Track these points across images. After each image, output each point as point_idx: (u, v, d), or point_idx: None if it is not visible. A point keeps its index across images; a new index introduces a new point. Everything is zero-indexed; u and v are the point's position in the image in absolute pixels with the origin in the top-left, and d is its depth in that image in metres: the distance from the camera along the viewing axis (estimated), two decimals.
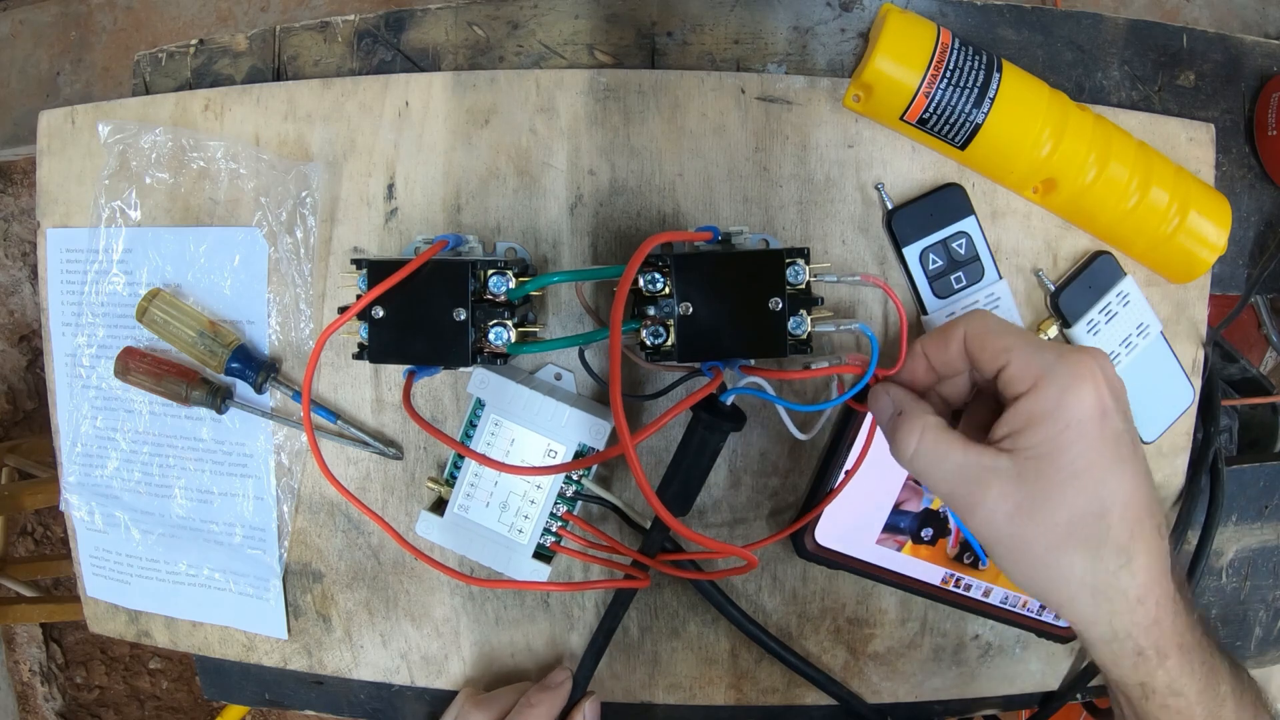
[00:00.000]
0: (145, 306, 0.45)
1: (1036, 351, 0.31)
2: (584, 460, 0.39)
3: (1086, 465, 0.30)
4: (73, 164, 0.49)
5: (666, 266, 0.36)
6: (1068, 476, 0.30)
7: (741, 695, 0.49)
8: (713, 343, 0.36)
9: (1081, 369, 0.30)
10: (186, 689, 1.49)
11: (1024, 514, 0.31)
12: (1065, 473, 0.30)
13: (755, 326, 0.36)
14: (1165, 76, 0.47)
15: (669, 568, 0.44)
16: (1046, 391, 0.30)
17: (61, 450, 0.51)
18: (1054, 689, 0.50)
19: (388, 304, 0.37)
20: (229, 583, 0.50)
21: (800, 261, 0.36)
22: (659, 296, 0.36)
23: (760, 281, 0.36)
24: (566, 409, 0.42)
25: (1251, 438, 0.55)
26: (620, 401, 0.31)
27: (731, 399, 0.40)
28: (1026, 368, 0.31)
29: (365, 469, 0.48)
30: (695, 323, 0.36)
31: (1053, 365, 0.31)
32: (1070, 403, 0.30)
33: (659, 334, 0.36)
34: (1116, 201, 0.42)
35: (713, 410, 0.39)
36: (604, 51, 0.46)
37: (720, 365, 0.37)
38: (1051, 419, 0.30)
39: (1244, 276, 0.49)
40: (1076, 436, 0.30)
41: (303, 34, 0.47)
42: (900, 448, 0.34)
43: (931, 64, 0.40)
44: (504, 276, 0.36)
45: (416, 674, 0.50)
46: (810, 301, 0.37)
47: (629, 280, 0.33)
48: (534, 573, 0.44)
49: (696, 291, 0.36)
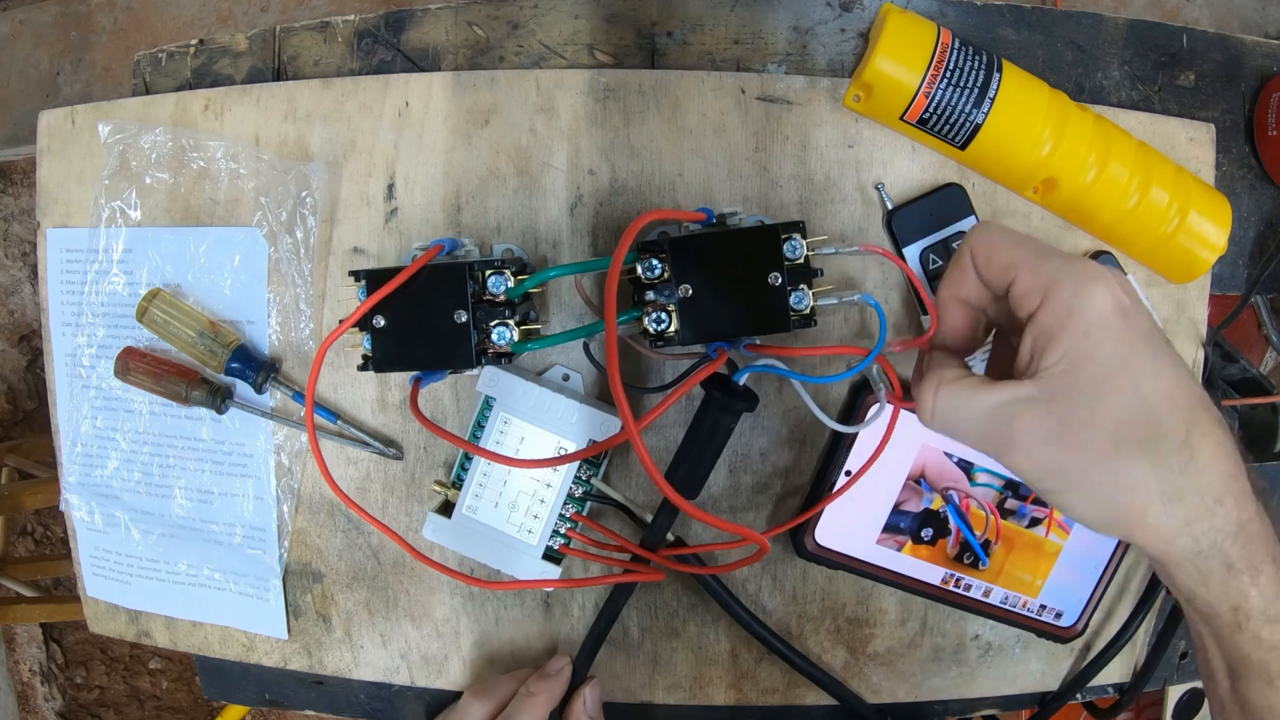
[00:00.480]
0: (145, 306, 0.45)
1: (1043, 260, 0.29)
2: (591, 449, 0.38)
3: (1120, 364, 0.27)
4: (73, 164, 0.49)
5: (664, 253, 0.36)
6: (1101, 381, 0.27)
7: (741, 695, 0.49)
8: (716, 323, 0.36)
9: (1090, 269, 0.28)
10: (186, 689, 1.49)
11: (1064, 436, 0.28)
12: (1097, 378, 0.27)
13: (757, 304, 0.36)
14: (1165, 76, 0.47)
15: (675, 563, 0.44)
16: (1058, 298, 0.28)
17: (61, 450, 0.51)
18: (1054, 689, 0.50)
19: (388, 312, 0.37)
20: (229, 583, 0.50)
21: (797, 236, 0.36)
22: (658, 283, 0.36)
23: (758, 258, 0.35)
24: (576, 405, 0.42)
25: (1251, 438, 0.55)
26: (619, 383, 0.30)
27: (745, 378, 0.39)
28: (1034, 278, 0.28)
29: (365, 469, 0.48)
30: (696, 305, 0.36)
31: (1059, 270, 0.28)
32: (1085, 304, 0.27)
33: (661, 320, 0.36)
34: (1117, 201, 0.42)
35: (725, 390, 0.39)
36: (604, 51, 0.46)
37: (725, 346, 0.37)
38: (1069, 327, 0.27)
39: (1244, 276, 0.49)
40: (1101, 338, 0.27)
41: (303, 34, 0.47)
42: (920, 413, 0.31)
43: (931, 64, 0.40)
44: (502, 276, 0.36)
45: (416, 674, 0.50)
46: (810, 274, 0.36)
47: (620, 256, 0.32)
48: (543, 574, 0.43)
49: (695, 273, 0.35)
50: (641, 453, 0.31)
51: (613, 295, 0.31)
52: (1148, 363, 0.28)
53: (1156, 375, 0.28)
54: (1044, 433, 0.28)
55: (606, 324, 0.31)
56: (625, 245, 0.32)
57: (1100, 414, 0.27)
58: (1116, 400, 0.27)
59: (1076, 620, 0.49)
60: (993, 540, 0.47)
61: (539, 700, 0.43)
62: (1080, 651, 0.51)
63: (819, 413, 0.39)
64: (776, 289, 0.35)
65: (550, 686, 0.44)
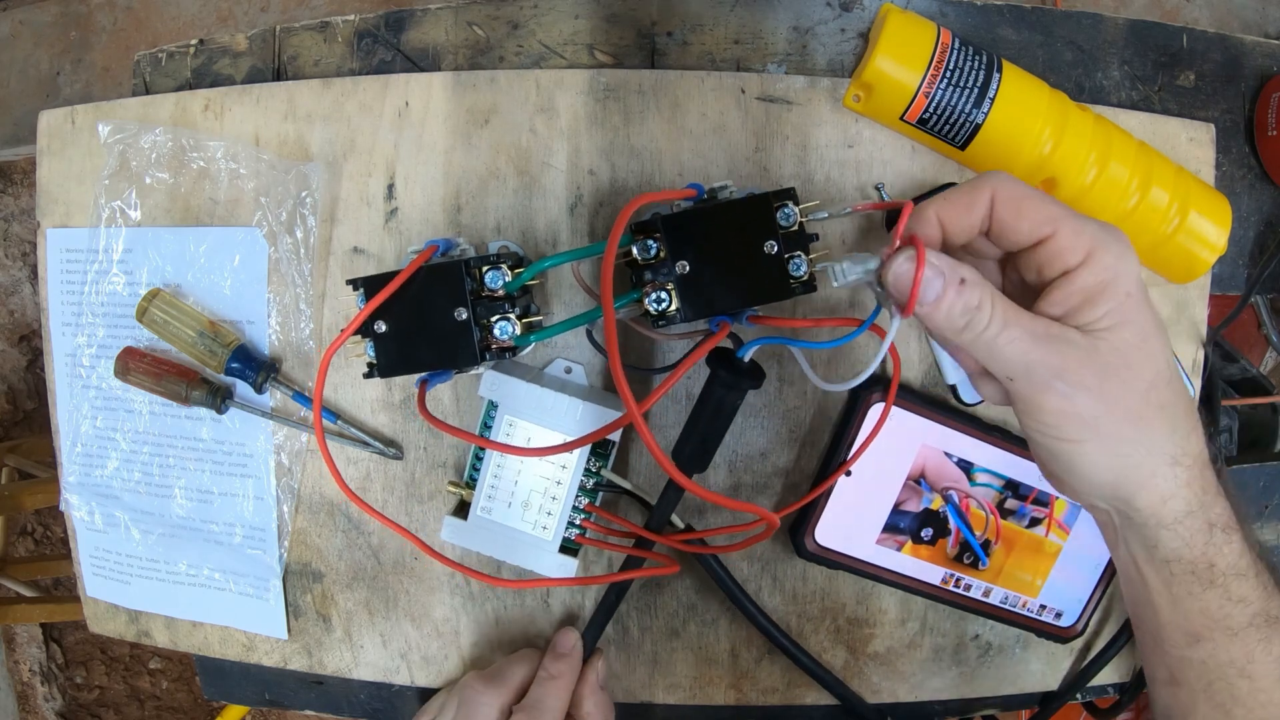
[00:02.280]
0: (145, 306, 0.45)
1: (1083, 221, 0.29)
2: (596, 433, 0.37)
3: (1150, 331, 0.29)
4: (73, 164, 0.49)
5: (658, 232, 0.36)
6: (1137, 345, 0.29)
7: (741, 695, 0.49)
8: (715, 297, 0.35)
9: (1124, 238, 0.30)
10: (186, 689, 1.49)
11: (1103, 389, 0.29)
12: (1133, 342, 0.29)
13: (755, 274, 0.35)
14: (1165, 76, 0.47)
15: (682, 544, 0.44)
16: (1103, 261, 0.29)
17: (61, 450, 0.51)
18: (1054, 689, 0.50)
19: (388, 317, 0.36)
20: (229, 583, 0.50)
21: (789, 203, 0.35)
22: (655, 263, 0.36)
23: (752, 228, 0.35)
24: (579, 403, 0.42)
25: (1251, 438, 0.55)
26: (620, 367, 0.30)
27: (750, 353, 0.38)
28: (1078, 237, 0.29)
29: (365, 469, 0.48)
30: (695, 280, 0.35)
31: (1100, 234, 0.29)
32: (1126, 271, 0.29)
33: (661, 299, 0.35)
34: (1117, 201, 0.42)
35: (730, 368, 0.39)
36: (604, 51, 0.46)
37: (728, 319, 0.36)
38: (1112, 290, 0.29)
39: (1244, 276, 0.49)
40: (1135, 305, 0.29)
41: (303, 34, 0.47)
42: (977, 320, 0.30)
43: (931, 64, 0.40)
44: (499, 270, 0.36)
45: (416, 674, 0.50)
46: (806, 240, 0.36)
47: (615, 241, 0.32)
48: (561, 567, 0.44)
49: (690, 249, 0.35)
50: (644, 433, 0.30)
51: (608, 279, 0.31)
52: (1161, 334, 0.30)
53: (1165, 347, 0.30)
54: (1086, 379, 0.29)
55: (604, 307, 0.31)
56: (619, 230, 0.32)
57: (1135, 375, 0.29)
58: (1149, 365, 0.29)
59: (1076, 620, 0.49)
60: (993, 540, 0.47)
61: (562, 682, 0.43)
62: (1080, 651, 0.51)
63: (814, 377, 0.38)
64: (773, 257, 0.35)
65: (569, 666, 0.43)
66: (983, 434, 0.45)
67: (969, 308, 0.29)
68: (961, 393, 0.46)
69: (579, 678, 0.44)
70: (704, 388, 0.40)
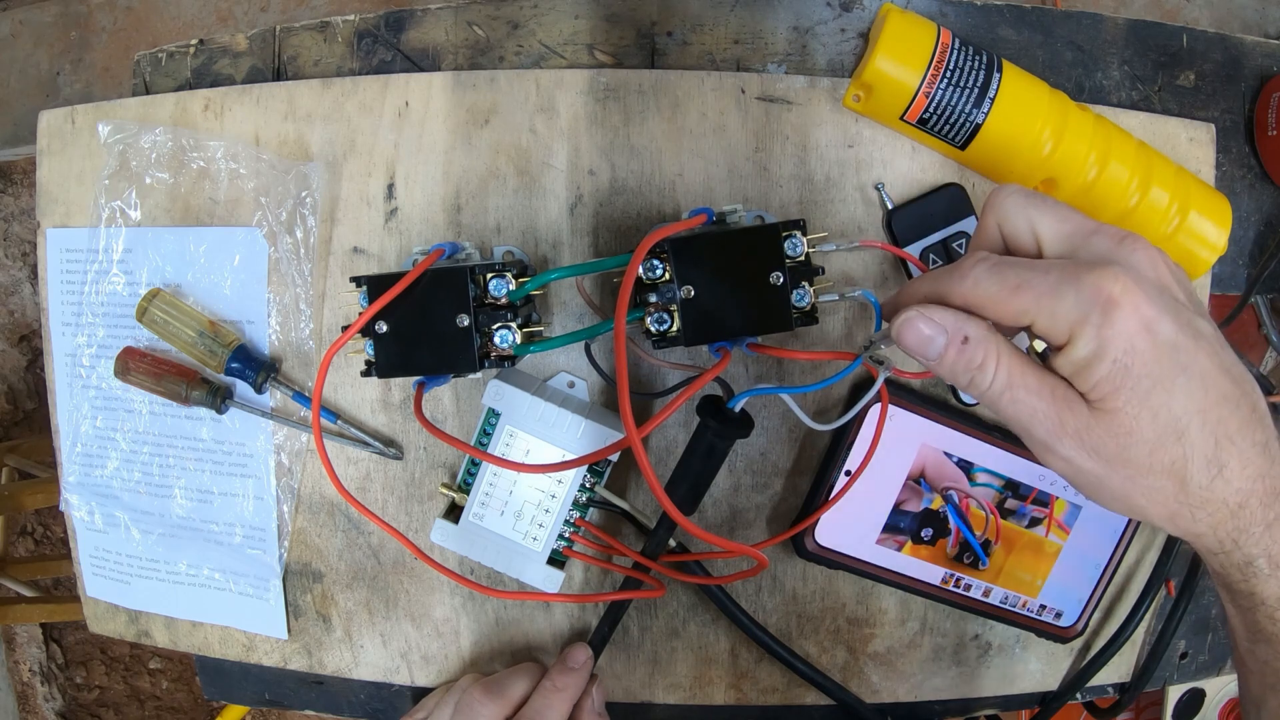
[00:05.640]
0: (145, 306, 0.45)
1: (1055, 298, 0.28)
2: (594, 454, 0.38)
3: (1151, 386, 0.28)
4: (73, 164, 0.49)
5: (665, 253, 0.36)
6: (1136, 406, 0.28)
7: (741, 695, 0.49)
8: (717, 323, 0.36)
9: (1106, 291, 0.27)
10: (186, 689, 1.49)
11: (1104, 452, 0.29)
12: (1133, 403, 0.28)
13: (758, 303, 0.36)
14: (1165, 76, 0.47)
15: (676, 572, 0.44)
16: (1084, 336, 0.28)
17: (61, 450, 0.51)
18: (1054, 689, 0.50)
19: (390, 318, 0.37)
20: (229, 583, 0.50)
21: (797, 234, 0.36)
22: (660, 283, 0.36)
23: (759, 257, 0.36)
24: (581, 420, 0.42)
25: None
26: (627, 392, 0.30)
27: (740, 404, 0.39)
28: (1054, 322, 0.28)
29: (365, 469, 0.48)
30: (698, 305, 0.36)
31: (1078, 307, 0.28)
32: (1111, 338, 0.27)
33: (663, 320, 0.36)
34: (1117, 201, 0.42)
35: (720, 418, 0.39)
36: (604, 51, 0.46)
37: (728, 345, 0.37)
38: (1099, 361, 0.28)
39: (1244, 276, 0.49)
40: (1129, 363, 0.28)
41: (303, 34, 0.47)
42: (979, 380, 0.30)
43: (931, 64, 0.40)
44: (504, 279, 0.36)
45: (416, 674, 0.50)
46: (811, 272, 0.36)
47: (632, 276, 0.32)
48: (547, 579, 0.44)
49: (696, 274, 0.36)
50: (643, 463, 0.31)
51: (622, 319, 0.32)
52: (1176, 380, 0.28)
53: (1186, 392, 0.28)
54: (1086, 441, 0.29)
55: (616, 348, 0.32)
56: (635, 265, 0.32)
57: (1135, 440, 0.29)
58: (1150, 425, 0.28)
59: (1076, 620, 0.49)
60: (992, 540, 0.47)
61: (566, 695, 0.42)
62: (1080, 651, 0.51)
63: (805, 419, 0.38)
64: (779, 288, 0.36)
65: (576, 680, 0.43)
66: (983, 434, 0.45)
67: (970, 366, 0.30)
68: (961, 393, 0.46)
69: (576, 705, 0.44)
70: (696, 430, 0.41)
